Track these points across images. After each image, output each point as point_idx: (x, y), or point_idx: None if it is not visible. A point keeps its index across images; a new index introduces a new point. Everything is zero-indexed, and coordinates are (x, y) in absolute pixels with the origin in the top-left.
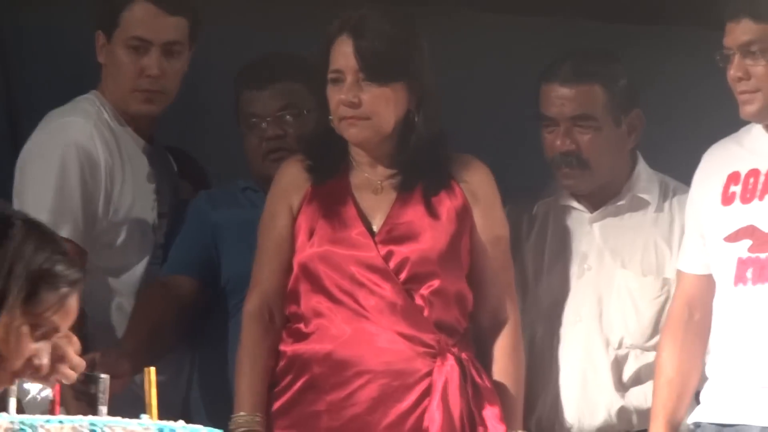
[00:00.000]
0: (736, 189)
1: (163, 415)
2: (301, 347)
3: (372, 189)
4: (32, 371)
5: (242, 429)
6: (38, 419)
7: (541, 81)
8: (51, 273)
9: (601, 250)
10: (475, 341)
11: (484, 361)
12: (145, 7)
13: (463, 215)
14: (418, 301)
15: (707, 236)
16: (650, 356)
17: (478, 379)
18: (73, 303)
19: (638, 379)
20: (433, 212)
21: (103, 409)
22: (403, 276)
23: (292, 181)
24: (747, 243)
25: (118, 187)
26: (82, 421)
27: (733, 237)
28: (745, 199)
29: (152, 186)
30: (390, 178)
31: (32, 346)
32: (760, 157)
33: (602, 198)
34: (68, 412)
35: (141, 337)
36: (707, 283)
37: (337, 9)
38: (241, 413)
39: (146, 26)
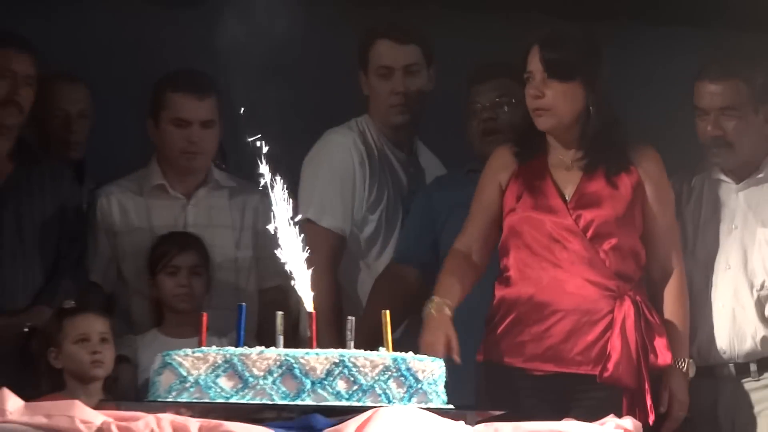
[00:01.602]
0: None
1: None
2: (510, 291)
3: (564, 167)
4: None
5: (434, 304)
6: (300, 352)
7: (695, 79)
8: None
9: (745, 213)
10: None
11: (655, 304)
12: (386, 44)
13: (638, 189)
14: (601, 254)
15: None
16: None
17: (649, 317)
18: None
19: None
20: (613, 185)
21: (351, 344)
22: (589, 234)
23: (502, 162)
24: None
25: (373, 191)
26: (334, 353)
27: None
28: None
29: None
30: (578, 159)
31: None
32: None
33: (745, 172)
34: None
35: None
36: None
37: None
38: (436, 297)
39: (389, 56)
